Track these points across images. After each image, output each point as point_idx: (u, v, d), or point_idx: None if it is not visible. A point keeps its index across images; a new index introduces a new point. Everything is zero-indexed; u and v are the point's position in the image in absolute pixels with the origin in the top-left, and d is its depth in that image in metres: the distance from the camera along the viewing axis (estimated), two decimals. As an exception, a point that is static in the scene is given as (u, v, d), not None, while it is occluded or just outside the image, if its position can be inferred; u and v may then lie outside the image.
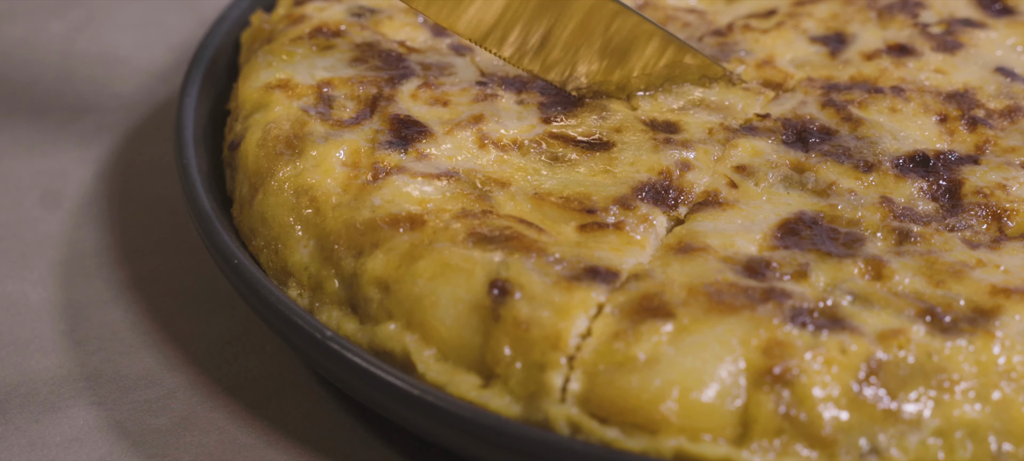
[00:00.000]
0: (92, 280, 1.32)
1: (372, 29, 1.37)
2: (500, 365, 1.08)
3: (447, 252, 1.12)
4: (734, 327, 1.06)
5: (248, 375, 1.22)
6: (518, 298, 1.08)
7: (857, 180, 1.22)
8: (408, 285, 1.12)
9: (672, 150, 1.23)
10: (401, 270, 1.12)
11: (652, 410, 1.02)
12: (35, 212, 1.41)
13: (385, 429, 1.17)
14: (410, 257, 1.13)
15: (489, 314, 1.09)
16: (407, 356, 1.10)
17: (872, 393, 1.03)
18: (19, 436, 1.17)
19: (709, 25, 1.42)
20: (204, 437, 1.17)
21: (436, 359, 1.10)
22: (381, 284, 1.13)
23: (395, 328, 1.11)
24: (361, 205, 1.18)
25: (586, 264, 1.12)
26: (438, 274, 1.11)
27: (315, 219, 1.18)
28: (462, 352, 1.09)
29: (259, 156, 1.24)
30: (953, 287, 1.11)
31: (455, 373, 1.09)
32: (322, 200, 1.19)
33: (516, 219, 1.16)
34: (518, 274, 1.10)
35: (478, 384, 1.08)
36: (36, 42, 1.65)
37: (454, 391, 1.08)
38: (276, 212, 1.20)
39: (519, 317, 1.08)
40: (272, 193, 1.21)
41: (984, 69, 1.34)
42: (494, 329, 1.08)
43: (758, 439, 1.03)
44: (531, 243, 1.13)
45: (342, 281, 1.15)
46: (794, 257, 1.14)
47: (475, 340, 1.09)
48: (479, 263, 1.11)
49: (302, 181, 1.20)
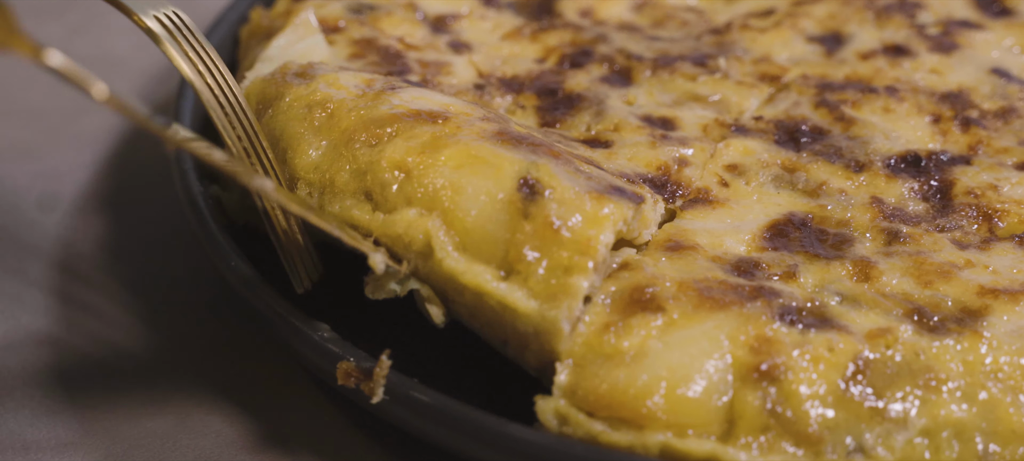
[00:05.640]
0: (89, 282, 1.33)
1: (371, 25, 1.38)
2: (522, 262, 1.08)
3: (474, 144, 1.12)
4: (722, 323, 1.06)
5: (245, 377, 1.23)
6: (548, 198, 1.09)
7: (848, 180, 1.23)
8: (431, 172, 1.11)
9: (669, 146, 1.25)
10: (424, 156, 1.12)
11: (639, 405, 1.03)
12: (32, 214, 1.42)
13: (383, 431, 1.18)
14: (433, 146, 1.13)
15: (518, 211, 1.09)
16: (427, 242, 1.10)
17: (859, 391, 1.04)
18: (14, 439, 1.18)
19: (707, 24, 1.44)
20: (200, 439, 1.18)
21: (455, 247, 1.10)
22: (402, 167, 1.12)
23: (416, 214, 1.11)
24: (379, 104, 1.18)
25: (611, 182, 1.12)
26: (464, 164, 1.11)
27: (329, 122, 1.18)
28: (483, 245, 1.10)
29: (265, 87, 1.23)
30: (941, 287, 1.12)
31: (474, 263, 1.10)
32: (336, 107, 1.18)
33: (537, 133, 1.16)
34: (549, 176, 1.10)
35: (497, 276, 1.09)
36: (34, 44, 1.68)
37: (470, 280, 1.09)
38: (287, 125, 1.20)
39: (549, 217, 1.08)
40: (282, 110, 1.21)
41: (980, 70, 1.36)
42: (521, 226, 1.09)
43: (744, 436, 1.03)
44: (559, 152, 1.13)
45: (356, 172, 1.15)
46: (783, 259, 1.14)
47: (499, 234, 1.09)
48: (508, 159, 1.11)
49: (315, 96, 1.20)
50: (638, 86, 1.34)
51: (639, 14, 1.47)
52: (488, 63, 1.37)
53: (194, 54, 1.18)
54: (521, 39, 1.41)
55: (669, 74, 1.35)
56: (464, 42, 1.40)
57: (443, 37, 1.40)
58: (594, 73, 1.36)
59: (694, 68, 1.36)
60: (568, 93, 1.33)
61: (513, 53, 1.40)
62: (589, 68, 1.36)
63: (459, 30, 1.42)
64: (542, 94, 1.33)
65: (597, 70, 1.36)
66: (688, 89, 1.34)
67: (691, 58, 1.37)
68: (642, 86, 1.34)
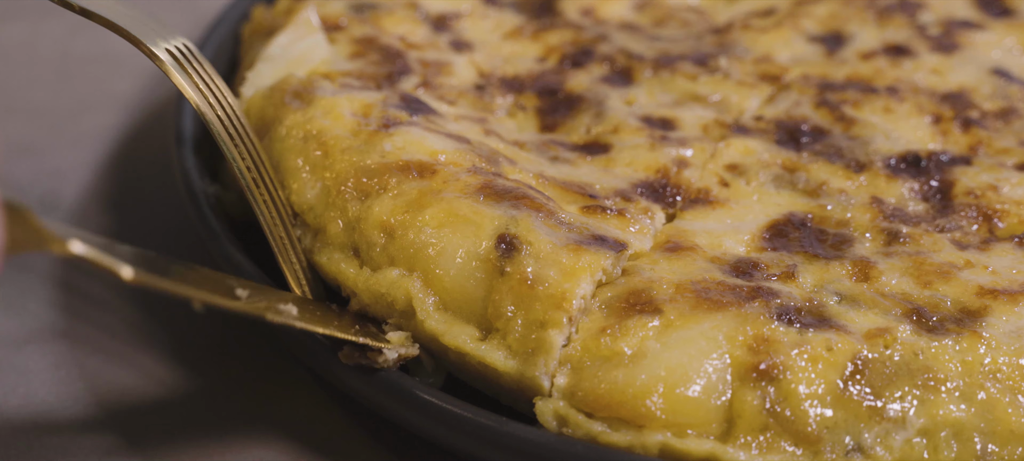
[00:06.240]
0: (90, 281, 1.33)
1: (372, 24, 1.39)
2: (501, 320, 1.09)
3: (457, 202, 1.13)
4: (721, 324, 1.07)
5: (247, 376, 1.23)
6: (525, 254, 1.09)
7: (848, 180, 1.23)
8: (414, 232, 1.13)
9: (669, 148, 1.25)
10: (408, 216, 1.13)
11: (638, 405, 1.04)
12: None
13: (385, 431, 1.18)
14: (418, 204, 1.14)
15: (494, 268, 1.10)
16: (408, 302, 1.11)
17: (858, 391, 1.05)
18: (17, 438, 1.18)
19: (708, 23, 1.44)
20: (203, 438, 1.18)
21: (436, 308, 1.11)
22: (386, 229, 1.14)
23: (398, 274, 1.12)
24: (371, 150, 1.18)
25: (593, 232, 1.13)
26: (446, 223, 1.12)
27: (323, 162, 1.19)
28: (463, 304, 1.11)
29: (265, 106, 1.25)
30: (940, 288, 1.12)
31: (454, 323, 1.11)
32: (331, 144, 1.19)
33: (525, 184, 1.17)
34: (527, 231, 1.11)
35: (476, 336, 1.10)
36: (34, 43, 1.66)
37: (451, 341, 1.10)
38: (284, 155, 1.21)
39: (525, 274, 1.09)
40: (279, 139, 1.22)
41: (980, 70, 1.36)
42: (498, 283, 1.10)
43: (743, 435, 1.04)
44: (541, 204, 1.14)
45: (346, 224, 1.16)
46: (782, 259, 1.15)
47: (478, 293, 1.10)
48: (488, 216, 1.12)
49: (311, 126, 1.21)
50: (639, 86, 1.35)
51: (640, 13, 1.47)
52: (489, 62, 1.37)
53: (203, 84, 1.21)
54: (522, 38, 1.42)
55: (670, 74, 1.36)
56: (465, 41, 1.40)
57: (444, 36, 1.40)
58: (595, 73, 1.36)
59: (695, 68, 1.36)
60: (568, 93, 1.33)
61: (514, 52, 1.40)
62: (590, 68, 1.37)
63: (460, 29, 1.42)
64: (543, 94, 1.33)
65: (598, 70, 1.36)
66: (689, 89, 1.34)
67: (692, 58, 1.38)
68: (643, 86, 1.35)
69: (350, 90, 1.26)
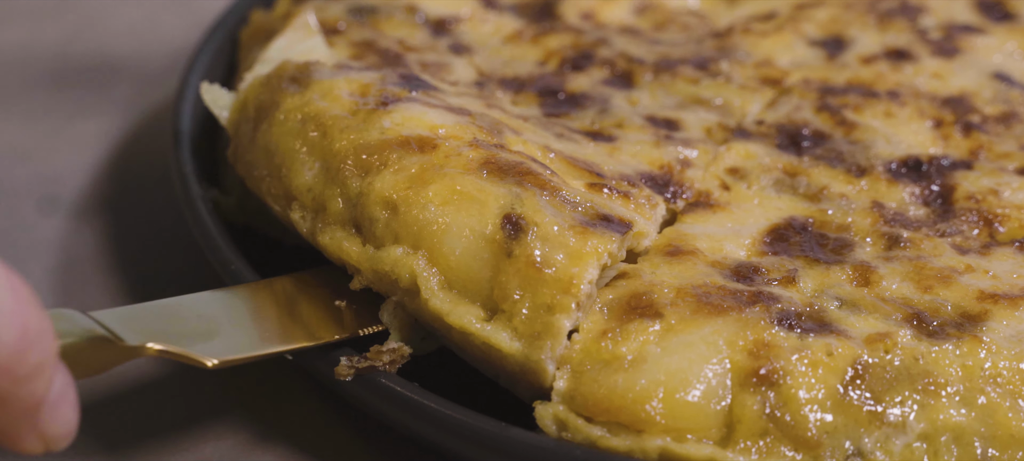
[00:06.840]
0: (88, 285, 1.34)
1: (371, 27, 1.39)
2: (507, 301, 1.09)
3: (460, 179, 1.13)
4: (721, 328, 1.07)
5: (244, 380, 1.22)
6: (532, 237, 1.09)
7: (849, 184, 1.23)
8: (417, 209, 1.12)
9: (673, 146, 1.25)
10: (411, 192, 1.13)
11: (637, 409, 1.04)
12: (31, 217, 1.43)
13: (383, 434, 1.18)
14: (420, 180, 1.13)
15: (501, 249, 1.10)
16: (413, 280, 1.11)
17: (858, 396, 1.05)
18: None
19: (709, 27, 1.45)
20: (200, 442, 1.18)
21: (440, 287, 1.11)
22: (388, 204, 1.13)
23: (402, 252, 1.12)
24: (370, 127, 1.18)
25: (600, 211, 1.13)
26: (449, 201, 1.12)
27: (322, 142, 1.18)
28: (468, 284, 1.10)
29: (262, 92, 1.24)
30: (941, 292, 1.12)
31: (459, 303, 1.10)
32: (330, 124, 1.19)
33: (528, 157, 1.17)
34: (533, 211, 1.10)
35: (482, 316, 1.10)
36: (32, 47, 1.66)
37: (456, 321, 1.09)
38: (281, 139, 1.20)
39: (532, 257, 1.08)
40: (277, 123, 1.21)
41: (982, 74, 1.36)
42: (505, 265, 1.09)
43: (743, 440, 1.04)
44: (545, 181, 1.14)
45: (347, 201, 1.15)
46: (783, 263, 1.15)
47: (484, 273, 1.10)
48: (493, 195, 1.12)
49: (309, 109, 1.20)
50: (640, 89, 1.35)
51: (640, 17, 1.48)
52: (488, 66, 1.37)
53: None
54: (522, 42, 1.42)
55: (671, 77, 1.36)
56: (465, 45, 1.41)
57: (443, 40, 1.40)
58: (595, 76, 1.36)
59: (696, 71, 1.36)
60: (570, 94, 1.34)
61: (514, 56, 1.40)
62: (590, 71, 1.37)
63: (460, 33, 1.43)
64: (544, 94, 1.34)
65: (598, 73, 1.37)
66: (690, 92, 1.34)
67: (693, 61, 1.38)
68: (644, 89, 1.35)
69: (348, 71, 1.26)
